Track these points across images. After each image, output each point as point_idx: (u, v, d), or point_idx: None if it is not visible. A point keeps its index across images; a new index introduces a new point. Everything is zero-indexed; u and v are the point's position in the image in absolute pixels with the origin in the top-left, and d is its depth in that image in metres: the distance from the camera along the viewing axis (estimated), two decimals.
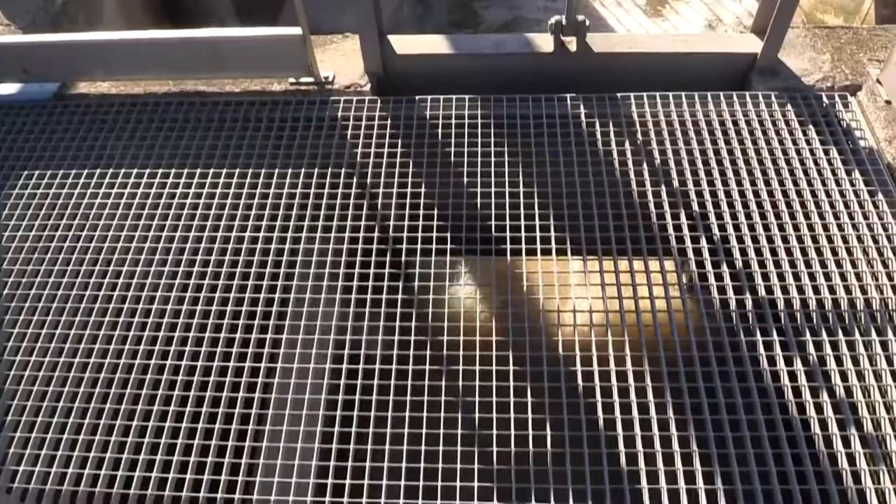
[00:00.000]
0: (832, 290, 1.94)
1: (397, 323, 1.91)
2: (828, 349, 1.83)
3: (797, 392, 1.77)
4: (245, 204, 2.21)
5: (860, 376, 1.78)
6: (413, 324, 1.88)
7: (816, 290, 1.94)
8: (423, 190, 2.16)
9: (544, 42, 2.47)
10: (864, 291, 1.92)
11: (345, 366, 1.86)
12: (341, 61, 2.60)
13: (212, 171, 2.30)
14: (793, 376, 1.79)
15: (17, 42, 2.66)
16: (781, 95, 2.44)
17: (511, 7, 6.31)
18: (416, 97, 2.43)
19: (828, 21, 5.15)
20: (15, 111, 2.62)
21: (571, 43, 2.46)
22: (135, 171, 2.34)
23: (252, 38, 2.40)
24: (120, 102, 2.59)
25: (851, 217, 2.09)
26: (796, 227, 2.08)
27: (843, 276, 1.96)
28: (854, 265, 1.98)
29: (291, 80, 2.52)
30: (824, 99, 2.45)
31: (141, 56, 2.56)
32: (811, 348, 1.83)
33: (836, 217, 2.09)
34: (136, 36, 2.54)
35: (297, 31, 2.33)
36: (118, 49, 2.56)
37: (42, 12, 3.23)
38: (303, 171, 2.28)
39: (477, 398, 1.76)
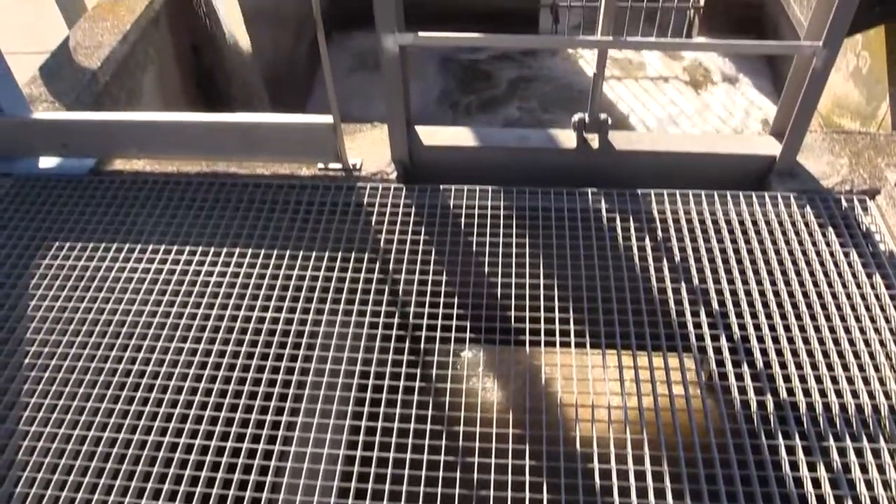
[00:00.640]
0: (855, 394, 1.91)
1: (413, 411, 1.90)
2: (852, 456, 1.79)
3: (821, 500, 1.72)
4: (268, 284, 2.24)
5: (885, 485, 1.73)
6: (429, 412, 1.87)
7: (839, 393, 1.91)
8: (444, 278, 2.18)
9: (567, 138, 2.54)
10: (888, 397, 1.89)
11: (359, 453, 1.84)
12: (369, 149, 2.69)
13: (238, 250, 2.35)
14: (816, 483, 1.74)
15: (59, 119, 2.77)
16: (801, 197, 2.47)
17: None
18: (441, 186, 2.49)
19: (844, 125, 5.25)
20: (52, 184, 2.71)
21: (594, 140, 2.53)
22: (163, 247, 2.39)
23: (285, 125, 2.50)
24: (153, 180, 2.67)
25: (873, 321, 2.08)
26: (817, 329, 2.07)
27: (866, 381, 1.94)
28: (877, 369, 1.96)
29: (320, 165, 2.60)
30: (843, 202, 2.48)
31: (176, 136, 2.66)
32: (835, 454, 1.79)
33: (858, 320, 2.08)
34: (172, 117, 2.65)
35: (328, 119, 2.42)
36: (155, 129, 2.66)
37: (87, 91, 3.38)
38: (327, 254, 2.32)
39: (492, 492, 1.73)
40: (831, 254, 2.28)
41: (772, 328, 2.07)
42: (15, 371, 2.05)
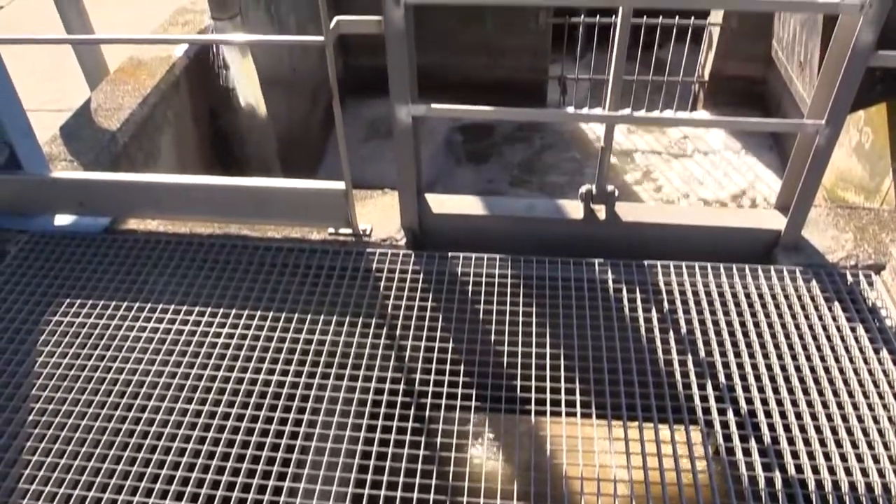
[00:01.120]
0: (865, 472, 1.89)
1: (417, 480, 1.88)
2: None
3: None
4: (275, 348, 2.25)
5: None
6: (433, 481, 1.85)
7: (849, 471, 1.89)
8: (450, 345, 2.19)
9: (574, 209, 2.58)
10: None
11: None
12: (379, 215, 2.73)
13: (246, 312, 2.37)
14: None
15: (76, 178, 2.84)
16: (806, 271, 2.49)
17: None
18: (449, 254, 2.52)
19: (849, 198, 5.31)
20: (67, 241, 2.75)
21: (601, 211, 2.57)
22: (172, 307, 2.42)
23: (298, 190, 2.55)
24: (166, 240, 2.71)
25: (882, 397, 2.07)
26: (825, 405, 2.05)
27: (875, 459, 1.92)
28: (887, 447, 1.94)
29: (331, 230, 2.64)
30: (849, 277, 2.49)
31: (190, 199, 2.71)
32: None
33: (866, 396, 2.07)
34: (187, 180, 2.71)
35: (340, 185, 2.48)
36: (169, 191, 2.72)
37: (105, 151, 3.46)
38: (335, 318, 2.34)
39: None
40: (838, 328, 2.29)
41: (779, 402, 2.06)
42: (18, 427, 2.05)
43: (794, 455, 1.93)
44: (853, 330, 2.27)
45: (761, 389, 2.10)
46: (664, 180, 6.30)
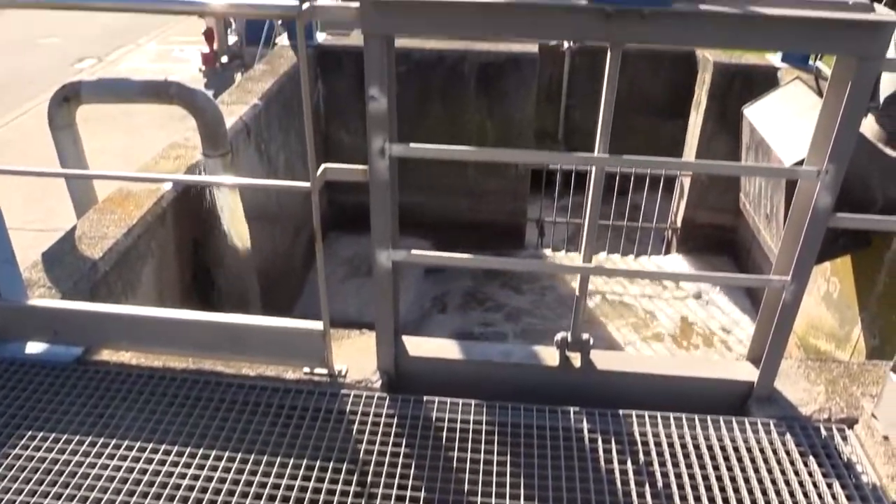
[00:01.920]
0: None
1: None
2: None
3: None
4: (241, 492, 2.18)
5: None
6: None
7: None
8: (422, 494, 2.13)
9: (549, 356, 2.61)
10: None
11: None
12: (356, 356, 2.73)
13: (214, 453, 2.31)
14: None
15: (52, 306, 2.84)
16: (780, 424, 2.49)
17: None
18: (424, 398, 2.50)
19: (820, 346, 5.39)
20: (37, 370, 2.70)
21: (576, 358, 2.60)
22: (138, 443, 2.35)
23: (276, 328, 2.56)
24: (138, 373, 2.67)
25: None
26: None
27: None
28: None
29: (306, 369, 2.63)
30: (822, 430, 2.50)
31: (166, 332, 2.71)
32: None
33: None
34: (164, 314, 2.72)
35: (318, 325, 2.49)
36: (145, 324, 2.72)
37: (85, 280, 3.47)
38: (305, 462, 2.28)
39: None
40: (814, 484, 2.27)
41: None
42: None
43: None
44: (829, 486, 2.26)
45: None
46: (636, 320, 6.39)
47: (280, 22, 8.51)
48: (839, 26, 1.96)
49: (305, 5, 2.01)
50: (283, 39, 7.46)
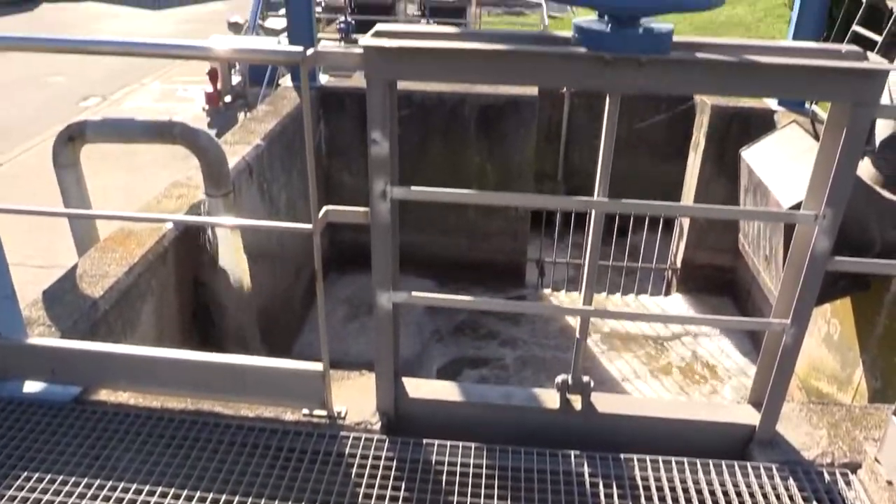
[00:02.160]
0: None
1: None
2: None
3: None
4: None
5: None
6: None
7: None
8: None
9: (550, 399, 2.60)
10: None
11: None
12: (356, 397, 2.72)
13: (212, 495, 2.28)
14: None
15: (51, 345, 2.83)
16: (783, 468, 2.47)
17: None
18: (424, 441, 2.49)
19: (822, 388, 5.36)
20: (34, 409, 2.68)
21: (577, 401, 2.59)
22: (135, 485, 2.33)
23: (276, 369, 2.55)
24: (136, 414, 2.65)
25: None
26: None
27: None
28: None
29: (305, 410, 2.62)
30: (826, 475, 2.48)
31: (165, 372, 2.70)
32: None
33: None
34: (163, 353, 2.71)
35: (318, 366, 2.49)
36: (144, 363, 2.71)
37: (85, 318, 3.47)
38: None
39: None
40: None
41: None
42: None
43: None
44: None
45: None
46: (636, 364, 6.36)
47: None
48: (833, 74, 2.00)
49: (310, 51, 2.05)
50: (286, 80, 7.57)
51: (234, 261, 4.46)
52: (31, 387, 2.82)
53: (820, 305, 5.11)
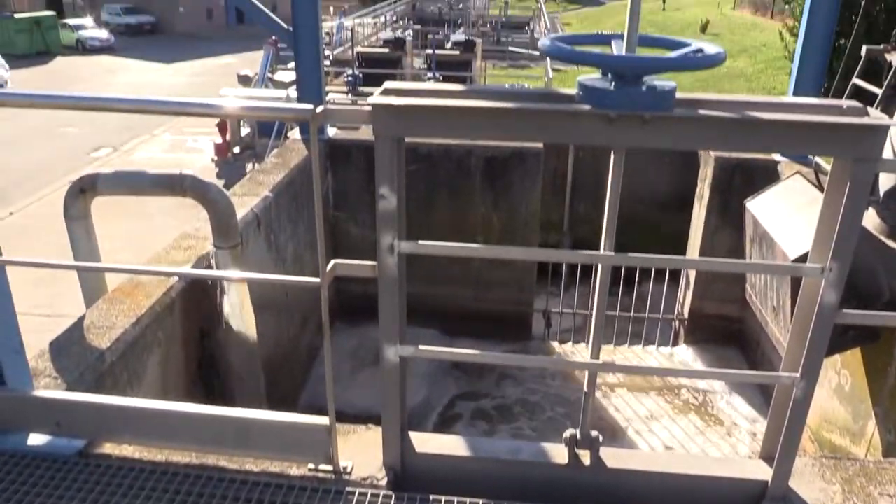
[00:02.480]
0: None
1: None
2: None
3: None
4: None
5: None
6: None
7: None
8: None
9: (558, 453, 2.56)
10: None
11: None
12: (361, 451, 2.69)
13: None
14: None
15: (56, 397, 2.82)
16: None
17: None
18: (431, 497, 2.45)
19: (834, 441, 5.28)
20: (38, 463, 2.66)
21: (585, 456, 2.55)
22: None
23: (281, 423, 2.53)
24: (140, 468, 2.63)
25: None
26: None
27: None
28: None
29: (311, 465, 2.59)
30: None
31: (170, 426, 2.68)
32: None
33: None
34: (168, 406, 2.70)
35: (324, 420, 2.47)
36: (149, 416, 2.69)
37: (91, 370, 3.47)
38: None
39: None
40: None
41: None
42: None
43: None
44: None
45: None
46: (647, 415, 6.28)
47: None
48: (835, 130, 2.02)
49: (319, 108, 2.10)
50: (294, 133, 7.69)
51: (240, 312, 4.47)
52: (36, 439, 2.81)
53: (830, 357, 5.07)
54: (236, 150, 15.29)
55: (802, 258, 3.77)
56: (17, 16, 34.47)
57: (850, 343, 4.76)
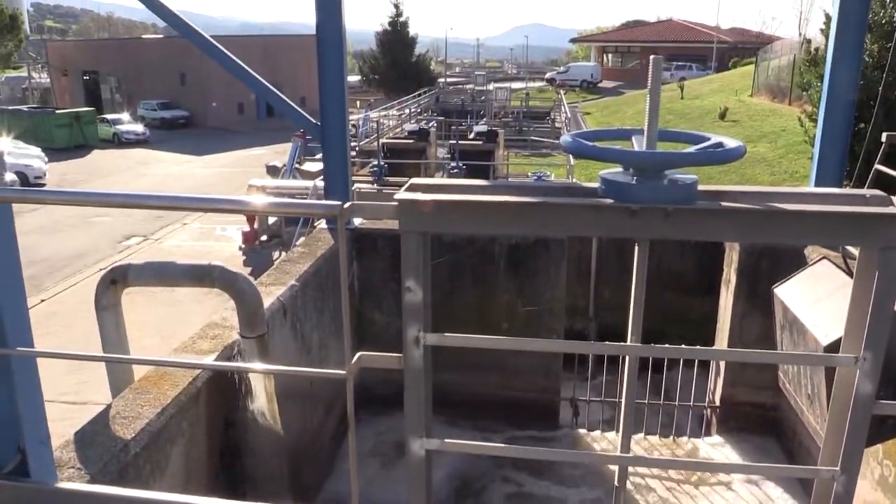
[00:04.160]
0: None
1: None
2: None
3: None
4: None
5: None
6: None
7: None
8: None
9: None
10: None
11: None
12: None
13: None
14: None
15: (78, 489, 2.81)
16: None
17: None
18: None
19: None
20: None
21: None
22: None
23: None
24: None
25: None
26: None
27: None
28: None
29: None
30: None
31: None
32: None
33: None
34: (190, 500, 2.65)
35: None
36: None
37: (114, 461, 3.45)
38: None
39: None
40: None
41: None
42: None
43: None
44: None
45: None
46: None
47: None
48: (859, 220, 2.02)
49: (347, 204, 2.15)
50: (321, 222, 7.83)
51: (265, 402, 4.45)
52: None
53: (870, 447, 4.88)
54: (263, 238, 15.58)
55: (835, 344, 3.70)
56: (58, 111, 36.08)
57: (889, 432, 4.59)
